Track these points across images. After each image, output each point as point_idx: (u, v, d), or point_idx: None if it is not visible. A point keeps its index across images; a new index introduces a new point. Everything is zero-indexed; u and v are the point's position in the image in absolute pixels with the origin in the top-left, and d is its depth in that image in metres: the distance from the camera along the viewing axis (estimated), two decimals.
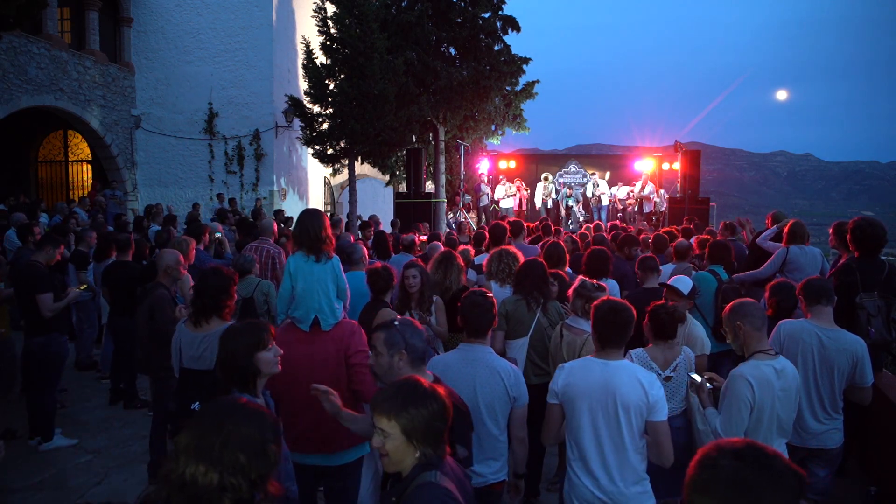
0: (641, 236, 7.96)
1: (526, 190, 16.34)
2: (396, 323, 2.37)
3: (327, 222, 3.12)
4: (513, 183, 16.22)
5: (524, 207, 16.27)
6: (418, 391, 1.73)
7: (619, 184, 16.20)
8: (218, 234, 7.27)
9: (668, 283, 4.08)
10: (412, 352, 2.32)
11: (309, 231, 3.04)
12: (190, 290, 4.49)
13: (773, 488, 1.17)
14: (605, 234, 7.38)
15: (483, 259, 5.53)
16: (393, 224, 11.16)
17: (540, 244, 6.39)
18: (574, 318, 3.67)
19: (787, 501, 1.18)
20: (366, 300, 4.24)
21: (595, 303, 2.74)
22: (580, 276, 3.97)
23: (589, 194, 15.70)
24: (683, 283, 3.93)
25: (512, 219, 7.22)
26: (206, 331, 3.23)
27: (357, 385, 2.98)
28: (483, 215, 16.13)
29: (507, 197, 15.91)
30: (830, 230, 4.84)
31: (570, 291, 3.83)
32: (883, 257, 4.17)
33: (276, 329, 3.09)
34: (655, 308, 3.22)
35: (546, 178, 16.13)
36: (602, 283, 3.88)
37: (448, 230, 10.84)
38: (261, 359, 2.31)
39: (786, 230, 5.37)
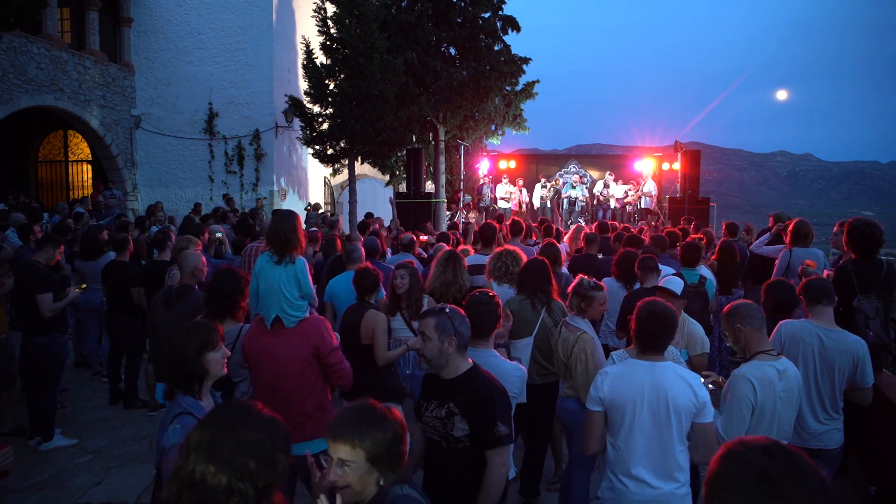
0: (645, 235, 7.98)
1: (522, 190, 16.34)
2: (447, 310, 2.44)
3: (299, 225, 3.14)
4: (514, 185, 16.24)
5: (523, 209, 16.26)
6: (377, 414, 1.67)
7: (619, 181, 16.19)
8: (219, 235, 7.27)
9: (660, 284, 4.08)
10: (460, 338, 2.41)
11: (277, 233, 3.06)
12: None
13: (800, 486, 1.16)
14: (600, 233, 7.40)
15: (475, 260, 5.52)
16: (392, 223, 11.12)
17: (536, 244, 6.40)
18: (572, 316, 3.68)
19: (813, 500, 1.16)
20: None
21: (638, 305, 2.69)
22: (579, 275, 3.97)
23: (597, 192, 15.63)
24: (675, 284, 3.93)
25: (515, 219, 7.22)
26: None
27: (337, 380, 3.14)
28: (484, 215, 16.13)
29: (507, 198, 15.94)
30: (835, 229, 4.82)
31: (570, 289, 3.83)
32: (882, 257, 4.16)
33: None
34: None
35: (555, 181, 16.11)
36: (601, 282, 3.88)
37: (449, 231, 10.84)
38: (209, 359, 2.26)
39: (790, 230, 5.34)
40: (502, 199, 15.96)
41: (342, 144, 13.29)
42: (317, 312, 3.35)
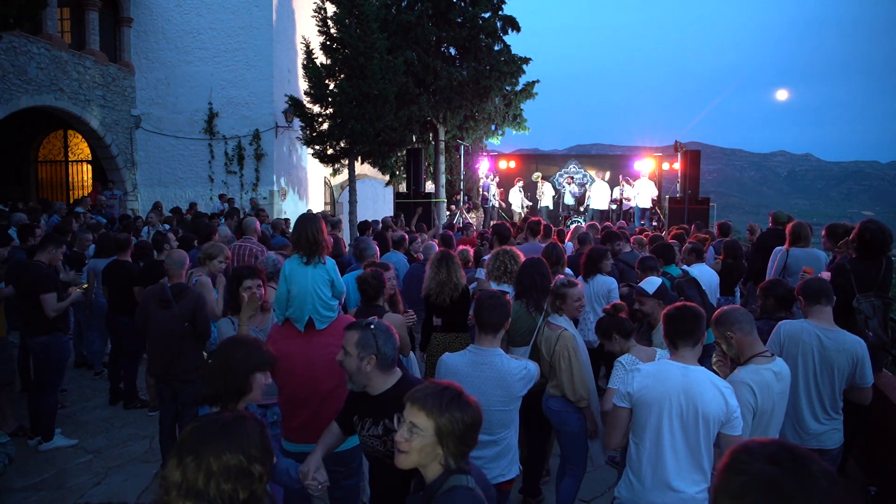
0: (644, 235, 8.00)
1: (522, 191, 16.35)
2: (372, 326, 2.30)
3: (324, 227, 3.18)
4: (513, 185, 16.27)
5: (523, 210, 16.27)
6: (463, 398, 1.70)
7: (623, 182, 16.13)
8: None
9: (638, 284, 4.08)
10: (382, 358, 2.26)
11: (305, 235, 3.10)
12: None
13: (810, 494, 1.13)
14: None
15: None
16: (389, 222, 11.09)
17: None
18: (553, 315, 3.68)
19: None
20: None
21: (668, 306, 2.69)
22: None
23: (616, 196, 15.46)
24: (650, 284, 3.93)
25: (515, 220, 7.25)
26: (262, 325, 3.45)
27: None
28: (484, 213, 16.16)
29: (496, 197, 16.04)
30: (823, 232, 4.82)
31: None
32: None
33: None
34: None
35: (545, 178, 16.12)
36: (576, 279, 3.89)
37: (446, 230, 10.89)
38: (257, 380, 2.20)
39: (787, 231, 5.33)
40: (492, 198, 16.06)
41: (342, 144, 13.28)
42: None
